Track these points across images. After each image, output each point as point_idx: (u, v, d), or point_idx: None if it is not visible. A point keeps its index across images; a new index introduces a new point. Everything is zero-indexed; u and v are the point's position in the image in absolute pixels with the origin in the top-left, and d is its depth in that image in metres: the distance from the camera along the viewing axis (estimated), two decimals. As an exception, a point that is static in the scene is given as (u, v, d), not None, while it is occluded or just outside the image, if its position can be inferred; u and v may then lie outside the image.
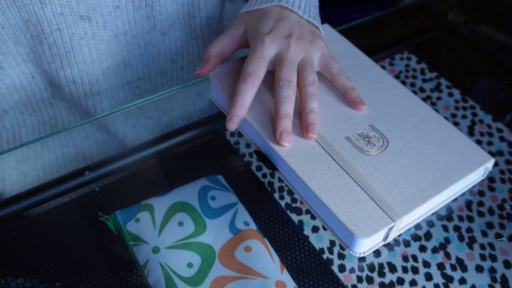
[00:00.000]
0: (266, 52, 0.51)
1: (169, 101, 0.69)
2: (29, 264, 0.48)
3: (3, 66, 0.60)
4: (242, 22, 0.55)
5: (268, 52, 0.51)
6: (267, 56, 0.51)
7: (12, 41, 0.58)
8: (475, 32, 0.79)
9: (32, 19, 0.56)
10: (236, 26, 0.55)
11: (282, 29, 0.52)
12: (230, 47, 0.55)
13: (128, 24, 0.63)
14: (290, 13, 0.54)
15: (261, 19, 0.53)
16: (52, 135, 0.60)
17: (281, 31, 0.52)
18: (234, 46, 0.55)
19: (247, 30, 0.54)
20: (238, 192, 0.53)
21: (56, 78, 0.63)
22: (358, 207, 0.43)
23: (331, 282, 0.47)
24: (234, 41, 0.55)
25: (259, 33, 0.52)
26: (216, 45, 0.54)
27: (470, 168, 0.47)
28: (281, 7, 0.54)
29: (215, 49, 0.54)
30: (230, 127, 0.48)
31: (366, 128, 0.49)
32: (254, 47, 0.51)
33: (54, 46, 0.59)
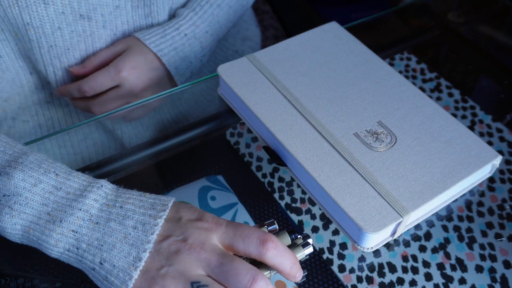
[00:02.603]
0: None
1: (168, 101, 0.69)
2: (29, 264, 0.48)
3: (2, 55, 0.60)
4: (127, 43, 0.63)
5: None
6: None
7: (12, 34, 0.58)
8: (475, 32, 0.78)
9: (33, 21, 0.56)
10: (121, 45, 0.62)
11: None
12: (109, 61, 0.62)
13: (127, 24, 0.63)
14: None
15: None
16: (50, 135, 0.59)
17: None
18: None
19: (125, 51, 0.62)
20: (238, 192, 0.53)
21: (53, 80, 0.63)
22: (367, 202, 0.43)
23: (331, 282, 0.47)
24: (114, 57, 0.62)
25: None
26: (100, 56, 0.62)
27: (478, 165, 0.47)
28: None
29: (97, 60, 0.62)
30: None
31: (375, 125, 0.50)
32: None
33: (54, 47, 0.59)
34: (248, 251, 0.39)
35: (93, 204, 0.41)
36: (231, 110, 0.56)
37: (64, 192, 0.41)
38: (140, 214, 0.40)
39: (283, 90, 0.53)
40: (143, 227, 0.40)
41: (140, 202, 0.41)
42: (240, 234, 0.39)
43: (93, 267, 0.39)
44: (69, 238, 0.40)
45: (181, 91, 0.65)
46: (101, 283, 0.39)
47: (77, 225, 0.40)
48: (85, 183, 0.42)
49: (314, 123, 0.50)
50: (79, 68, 0.62)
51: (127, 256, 0.38)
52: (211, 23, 0.66)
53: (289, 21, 0.90)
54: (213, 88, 0.69)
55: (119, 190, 0.42)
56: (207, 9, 0.65)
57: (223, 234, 0.40)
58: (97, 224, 0.40)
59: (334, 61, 0.57)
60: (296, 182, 0.52)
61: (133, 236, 0.39)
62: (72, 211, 0.40)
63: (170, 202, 0.41)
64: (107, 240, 0.39)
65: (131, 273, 0.38)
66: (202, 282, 0.37)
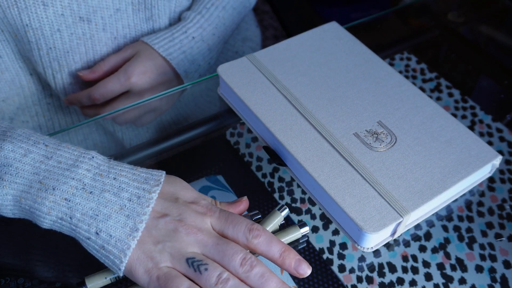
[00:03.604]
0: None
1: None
2: (29, 264, 0.48)
3: (2, 55, 0.60)
4: (136, 48, 0.63)
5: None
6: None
7: (12, 35, 0.58)
8: (475, 32, 0.78)
9: (33, 23, 0.56)
10: (130, 50, 0.63)
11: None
12: (118, 67, 0.62)
13: (127, 27, 0.63)
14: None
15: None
16: (50, 136, 0.59)
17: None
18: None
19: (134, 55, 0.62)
20: (238, 192, 0.53)
21: (52, 82, 0.63)
22: (367, 202, 0.43)
23: (331, 282, 0.47)
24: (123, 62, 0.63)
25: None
26: (109, 62, 0.62)
27: (478, 165, 0.47)
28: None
29: (106, 66, 0.62)
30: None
31: (375, 125, 0.50)
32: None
33: (53, 49, 0.59)
34: (237, 237, 0.41)
35: (86, 174, 0.41)
36: (231, 110, 0.56)
37: (55, 161, 0.41)
38: (134, 187, 0.41)
39: (283, 90, 0.53)
40: (138, 199, 0.41)
41: (133, 176, 0.42)
42: (230, 221, 0.41)
43: (88, 236, 0.40)
44: (62, 206, 0.40)
45: (181, 91, 0.65)
46: (97, 252, 0.40)
47: (70, 193, 0.40)
48: (76, 153, 0.42)
49: (314, 123, 0.50)
50: (88, 73, 0.62)
51: (124, 226, 0.40)
52: (218, 25, 0.66)
53: (289, 21, 0.90)
54: (213, 88, 0.69)
55: (110, 162, 0.43)
56: (213, 11, 0.65)
57: (216, 219, 0.42)
58: (91, 194, 0.40)
59: (334, 61, 0.57)
60: (296, 182, 0.52)
61: (128, 208, 0.40)
62: (65, 180, 0.40)
63: (162, 177, 0.42)
64: (102, 210, 0.40)
65: (128, 243, 0.39)
66: (196, 258, 0.39)
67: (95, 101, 0.62)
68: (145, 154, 0.60)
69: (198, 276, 0.38)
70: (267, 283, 0.39)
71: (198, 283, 0.39)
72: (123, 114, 0.62)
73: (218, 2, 0.66)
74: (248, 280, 0.39)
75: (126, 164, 0.43)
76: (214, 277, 0.38)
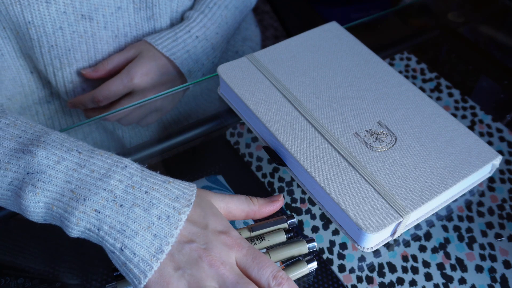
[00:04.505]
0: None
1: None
2: (29, 264, 0.48)
3: (3, 53, 0.60)
4: (139, 48, 0.63)
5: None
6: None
7: (13, 32, 0.58)
8: (475, 32, 0.78)
9: (35, 20, 0.56)
10: (133, 50, 0.63)
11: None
12: (121, 67, 0.63)
13: (128, 26, 0.63)
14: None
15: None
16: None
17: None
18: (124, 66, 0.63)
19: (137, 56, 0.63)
20: (238, 192, 0.53)
21: (53, 80, 0.63)
22: (366, 202, 0.43)
23: (331, 282, 0.47)
24: (126, 62, 0.63)
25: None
26: (112, 61, 0.62)
27: (478, 165, 0.47)
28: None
29: (109, 65, 0.62)
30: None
31: (375, 125, 0.50)
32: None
33: (55, 47, 0.59)
34: (259, 280, 0.39)
35: (118, 185, 0.40)
36: (231, 110, 0.56)
37: (88, 169, 0.41)
38: (165, 204, 0.40)
39: (283, 90, 0.53)
40: (167, 219, 0.39)
41: (166, 191, 0.41)
42: (257, 263, 0.40)
43: (113, 250, 0.39)
44: (91, 217, 0.39)
45: (184, 90, 0.65)
46: (120, 267, 0.40)
47: (100, 205, 0.39)
48: (109, 161, 0.41)
49: (314, 123, 0.50)
50: (91, 71, 0.62)
51: (149, 246, 0.38)
52: (221, 24, 0.66)
53: (289, 21, 0.91)
54: (213, 88, 0.69)
55: (144, 172, 0.42)
56: (216, 10, 0.65)
57: (242, 256, 0.40)
58: (121, 207, 0.39)
59: (334, 61, 0.57)
60: (296, 182, 0.52)
61: (156, 227, 0.39)
62: (96, 190, 0.40)
63: (192, 198, 0.41)
64: (130, 226, 0.39)
65: (151, 264, 0.38)
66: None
67: (99, 104, 0.62)
68: (145, 153, 0.60)
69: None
70: None
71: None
72: (128, 115, 0.62)
73: (221, 2, 0.66)
74: None
75: (159, 176, 0.42)
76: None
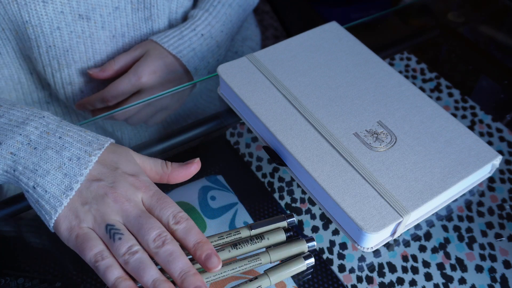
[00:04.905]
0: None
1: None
2: (29, 264, 0.48)
3: (2, 53, 0.60)
4: (145, 47, 0.63)
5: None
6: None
7: (13, 32, 0.58)
8: (475, 32, 0.78)
9: (32, 19, 0.56)
10: (139, 50, 0.63)
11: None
12: (128, 66, 0.63)
13: (126, 26, 0.63)
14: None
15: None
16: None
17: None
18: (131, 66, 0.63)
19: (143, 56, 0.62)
20: (238, 192, 0.53)
21: (51, 81, 0.63)
22: (366, 202, 0.43)
23: (331, 282, 0.47)
24: (133, 62, 0.63)
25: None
26: (119, 61, 0.62)
27: (478, 165, 0.47)
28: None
29: (116, 65, 0.62)
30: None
31: (375, 125, 0.50)
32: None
33: (53, 47, 0.59)
34: (161, 219, 0.41)
35: (33, 131, 0.43)
36: (231, 110, 0.56)
37: (6, 119, 0.44)
38: (77, 148, 0.43)
39: (283, 90, 0.53)
40: (78, 160, 0.42)
41: (79, 137, 0.44)
42: (161, 203, 0.42)
43: (27, 189, 0.42)
44: (7, 159, 0.42)
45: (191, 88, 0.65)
46: (34, 205, 0.43)
47: (15, 148, 0.42)
48: (28, 112, 0.45)
49: (314, 123, 0.50)
50: (98, 71, 0.62)
51: (60, 184, 0.41)
52: (225, 22, 0.66)
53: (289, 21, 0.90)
54: (213, 88, 0.69)
55: (61, 122, 0.45)
56: (220, 9, 0.66)
57: (148, 197, 0.42)
58: (35, 150, 0.42)
59: (334, 61, 0.57)
60: (296, 182, 0.52)
61: (67, 167, 0.42)
62: (12, 135, 0.43)
63: (106, 143, 0.44)
64: (42, 166, 0.42)
65: (61, 200, 0.41)
66: (116, 226, 0.40)
67: (107, 103, 0.62)
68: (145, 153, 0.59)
69: (111, 243, 0.40)
70: (174, 261, 0.39)
71: (110, 250, 0.40)
72: (136, 113, 0.62)
73: (224, 0, 0.66)
74: (156, 255, 0.40)
75: (77, 126, 0.45)
76: (124, 248, 0.39)
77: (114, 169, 0.43)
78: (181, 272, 0.39)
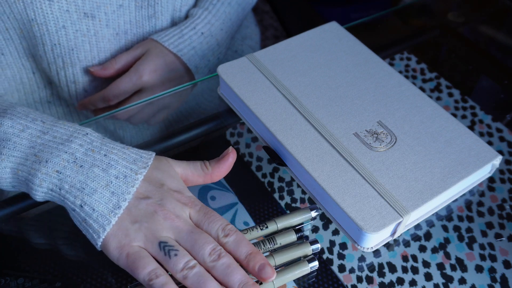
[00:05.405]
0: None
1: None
2: (29, 264, 0.48)
3: (5, 53, 0.60)
4: (145, 46, 0.63)
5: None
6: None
7: (17, 31, 0.58)
8: (475, 32, 0.78)
9: (38, 18, 0.56)
10: (140, 49, 0.63)
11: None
12: (129, 65, 0.63)
13: (129, 23, 0.63)
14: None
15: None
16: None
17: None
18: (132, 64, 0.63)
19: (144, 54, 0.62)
20: (238, 192, 0.53)
21: (56, 78, 0.63)
22: (366, 202, 0.43)
23: (331, 282, 0.47)
24: (134, 60, 0.63)
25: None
26: (120, 60, 0.62)
27: (478, 165, 0.47)
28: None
29: (117, 64, 0.62)
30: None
31: (375, 125, 0.50)
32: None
33: (58, 46, 0.59)
34: (210, 232, 0.42)
35: (78, 149, 0.43)
36: (231, 110, 0.56)
37: (50, 136, 0.44)
38: (123, 166, 0.43)
39: (283, 90, 0.53)
40: (124, 178, 0.42)
41: (124, 155, 0.44)
42: (208, 217, 0.42)
43: (73, 208, 0.42)
44: (53, 178, 0.42)
45: (181, 91, 0.65)
46: (80, 224, 0.42)
47: (61, 166, 0.42)
48: (72, 129, 0.45)
49: (314, 123, 0.50)
50: (99, 69, 0.62)
51: (108, 202, 0.41)
52: (225, 21, 0.67)
53: (289, 21, 0.90)
54: (213, 88, 0.69)
55: (104, 139, 0.45)
56: (219, 7, 0.66)
57: (195, 212, 0.43)
58: (81, 168, 0.42)
59: (334, 61, 0.57)
60: (296, 182, 0.52)
61: (114, 185, 0.42)
62: (58, 153, 0.42)
63: (150, 161, 0.44)
64: (89, 184, 0.42)
65: (109, 219, 0.41)
66: (169, 243, 0.40)
67: (109, 102, 0.63)
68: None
69: (167, 260, 0.40)
70: (232, 274, 0.39)
71: (166, 267, 0.40)
72: (138, 113, 0.63)
73: None
74: (214, 269, 0.40)
75: (119, 143, 0.45)
76: (181, 263, 0.39)
77: (160, 186, 0.43)
78: (240, 283, 0.39)
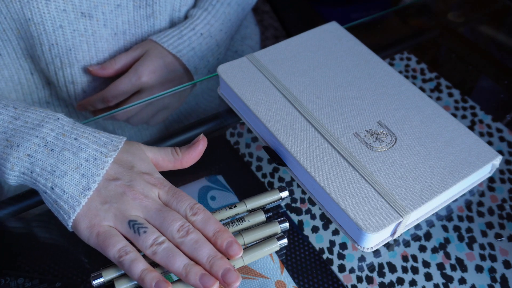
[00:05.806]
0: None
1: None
2: (29, 264, 0.48)
3: (2, 54, 0.60)
4: (145, 47, 0.63)
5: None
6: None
7: (14, 32, 0.58)
8: (475, 32, 0.78)
9: (34, 17, 0.56)
10: (139, 49, 0.63)
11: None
12: (128, 66, 0.63)
13: (127, 23, 0.63)
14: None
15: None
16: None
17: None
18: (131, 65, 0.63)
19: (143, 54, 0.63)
20: (238, 192, 0.53)
21: (54, 78, 0.63)
22: (367, 202, 0.43)
23: (331, 282, 0.47)
24: (133, 61, 0.63)
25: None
26: (119, 60, 0.62)
27: (478, 165, 0.47)
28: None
29: (117, 64, 0.62)
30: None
31: (375, 125, 0.50)
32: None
33: (55, 46, 0.59)
34: (178, 211, 0.43)
35: (49, 133, 0.44)
36: (231, 110, 0.56)
37: (22, 121, 0.44)
38: (93, 149, 0.44)
39: (283, 90, 0.53)
40: (94, 161, 0.43)
41: (94, 138, 0.45)
42: (177, 197, 0.43)
43: (45, 190, 0.43)
44: (24, 162, 0.43)
45: (181, 91, 0.65)
46: (51, 206, 0.43)
47: (32, 150, 0.43)
48: (43, 114, 0.45)
49: (314, 123, 0.50)
50: (98, 68, 0.62)
51: (78, 184, 0.42)
52: (224, 21, 0.67)
53: (289, 21, 0.90)
54: (213, 88, 0.69)
55: (75, 124, 0.46)
56: (219, 8, 0.66)
57: (164, 192, 0.44)
58: (52, 151, 0.43)
59: (334, 61, 0.57)
60: (296, 182, 0.52)
61: (84, 167, 0.43)
62: (29, 138, 0.43)
63: (120, 144, 0.45)
64: (60, 167, 0.43)
65: (79, 200, 0.42)
66: (138, 221, 0.41)
67: (108, 103, 0.63)
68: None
69: (136, 237, 0.41)
70: (200, 248, 0.40)
71: (135, 244, 0.41)
72: (137, 113, 0.63)
73: None
74: (182, 245, 0.41)
75: (90, 128, 0.46)
76: (150, 240, 0.41)
77: (130, 168, 0.44)
78: (208, 257, 0.40)
